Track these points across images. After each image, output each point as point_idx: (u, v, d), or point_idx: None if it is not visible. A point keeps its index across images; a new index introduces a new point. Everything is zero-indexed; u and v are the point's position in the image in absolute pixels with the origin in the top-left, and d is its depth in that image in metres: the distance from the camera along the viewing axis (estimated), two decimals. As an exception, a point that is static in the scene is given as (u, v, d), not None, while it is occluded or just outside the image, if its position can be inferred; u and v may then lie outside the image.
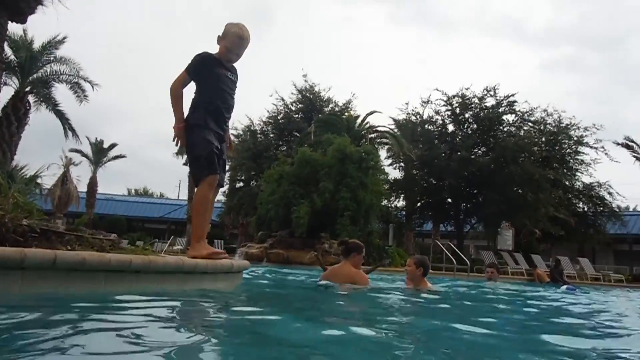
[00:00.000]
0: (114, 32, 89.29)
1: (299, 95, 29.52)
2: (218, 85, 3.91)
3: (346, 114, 26.12)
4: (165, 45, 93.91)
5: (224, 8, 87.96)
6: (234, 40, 3.94)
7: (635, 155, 30.80)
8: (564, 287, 12.14)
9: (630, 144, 30.79)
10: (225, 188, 30.55)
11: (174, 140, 3.86)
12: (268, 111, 30.19)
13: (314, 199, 18.27)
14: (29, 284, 2.51)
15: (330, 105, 29.37)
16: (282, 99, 29.73)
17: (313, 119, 26.56)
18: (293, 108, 29.95)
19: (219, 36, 3.98)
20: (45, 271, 2.56)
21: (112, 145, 35.71)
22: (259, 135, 29.98)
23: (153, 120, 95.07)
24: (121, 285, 2.86)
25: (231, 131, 25.39)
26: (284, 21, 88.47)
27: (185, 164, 35.38)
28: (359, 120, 25.28)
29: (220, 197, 32.54)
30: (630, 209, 34.56)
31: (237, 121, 29.71)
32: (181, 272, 3.23)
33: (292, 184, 19.11)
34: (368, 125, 25.20)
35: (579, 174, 27.29)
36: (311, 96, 29.37)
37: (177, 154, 34.61)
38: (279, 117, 29.93)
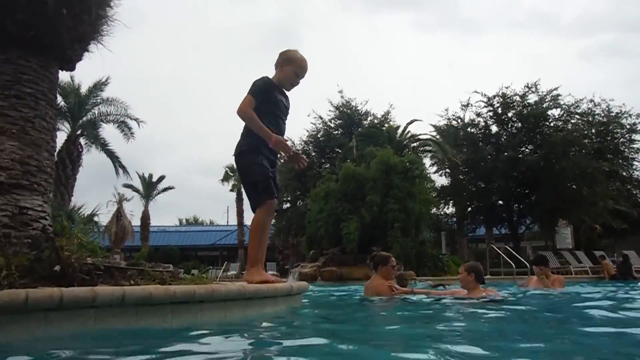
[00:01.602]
0: (146, 65, 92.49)
1: (337, 112, 29.65)
2: (274, 111, 3.97)
3: (386, 125, 26.01)
4: (196, 74, 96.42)
5: (248, 34, 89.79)
6: (301, 65, 4.04)
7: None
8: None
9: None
10: (273, 210, 30.88)
11: (285, 156, 3.93)
12: (307, 130, 30.44)
13: (362, 213, 18.17)
14: (101, 321, 2.58)
15: (369, 118, 29.34)
16: (320, 117, 29.94)
17: (353, 133, 26.57)
18: (332, 125, 30.08)
19: (279, 61, 4.05)
20: (115, 308, 2.62)
21: (161, 178, 36.79)
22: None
23: (192, 148, 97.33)
24: (187, 317, 2.90)
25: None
26: (309, 40, 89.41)
27: (232, 190, 36.07)
28: (399, 131, 25.11)
29: (268, 219, 32.86)
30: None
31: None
32: (243, 299, 3.25)
33: (339, 200, 19.08)
34: (409, 134, 24.99)
35: (636, 162, 26.12)
36: (349, 111, 29.44)
37: (222, 180, 35.29)
38: (318, 135, 30.10)
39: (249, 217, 42.13)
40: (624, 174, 26.06)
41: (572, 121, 25.93)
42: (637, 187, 26.65)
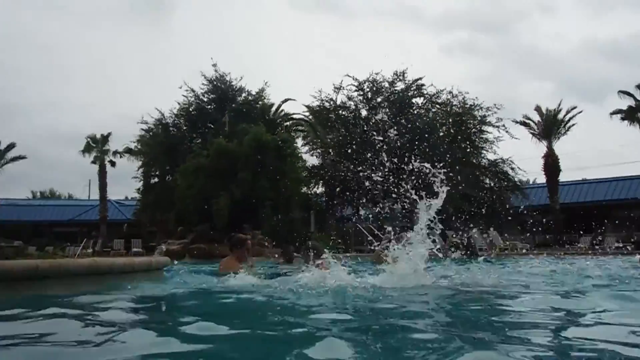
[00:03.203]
0: None
1: (210, 86, 28.82)
2: None
3: (260, 102, 25.87)
4: (56, 37, 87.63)
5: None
6: None
7: (532, 132, 33.18)
8: (481, 259, 12.91)
9: (528, 121, 33.12)
10: (140, 184, 29.42)
11: None
12: (179, 103, 29.21)
13: (233, 190, 18.04)
14: None
15: (244, 95, 28.91)
16: (193, 90, 28.89)
17: (227, 109, 26.08)
18: (205, 99, 29.19)
19: None
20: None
21: (10, 146, 33.21)
22: (171, 129, 28.97)
23: (50, 116, 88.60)
24: (29, 292, 2.65)
25: (141, 125, 23.99)
26: (183, 7, 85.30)
27: (94, 162, 33.65)
28: (273, 109, 25.17)
29: (135, 194, 31.28)
30: (530, 182, 37.10)
31: (147, 114, 28.53)
32: (96, 274, 3.05)
33: (210, 177, 18.74)
34: (283, 113, 25.19)
35: (484, 151, 28.89)
36: (223, 86, 28.77)
37: (83, 151, 32.84)
38: (190, 109, 29.06)
39: (113, 191, 39.36)
40: (474, 161, 28.72)
41: (433, 110, 27.95)
42: (484, 173, 29.51)
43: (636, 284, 4.71)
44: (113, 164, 33.34)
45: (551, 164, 32.23)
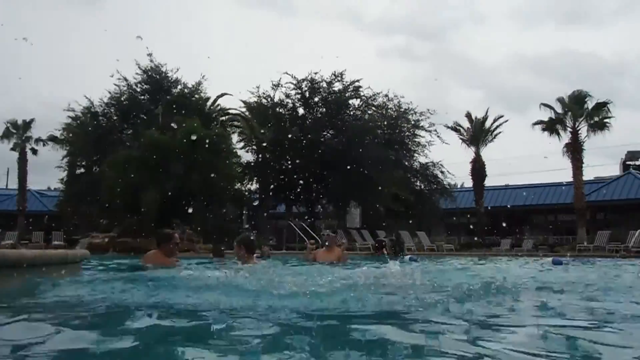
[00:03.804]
0: None
1: (144, 76, 27.90)
2: None
3: (196, 96, 25.33)
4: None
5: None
6: None
7: (462, 138, 34.51)
8: (408, 257, 13.36)
9: (458, 127, 34.41)
10: (64, 174, 28.08)
11: None
12: (110, 92, 28.06)
13: (163, 184, 17.56)
14: None
15: (179, 87, 28.20)
16: (126, 79, 27.85)
17: (161, 101, 25.36)
18: (138, 89, 28.23)
19: None
20: None
21: None
22: (100, 118, 27.82)
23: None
24: None
25: (67, 112, 22.92)
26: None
27: (13, 149, 31.73)
28: (209, 103, 24.73)
29: (58, 184, 29.78)
30: (458, 186, 38.61)
31: (75, 102, 27.25)
32: (1, 267, 2.89)
33: (140, 169, 18.15)
34: (219, 107, 24.80)
35: (416, 155, 29.77)
36: (158, 77, 27.93)
37: (2, 137, 30.97)
38: (122, 99, 28.01)
39: (34, 181, 37.14)
40: (406, 163, 29.54)
41: (369, 112, 28.47)
42: (415, 175, 30.40)
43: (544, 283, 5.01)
44: (35, 152, 31.63)
45: (478, 169, 33.64)
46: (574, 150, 28.42)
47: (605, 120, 28.30)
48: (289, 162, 27.48)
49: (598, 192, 31.33)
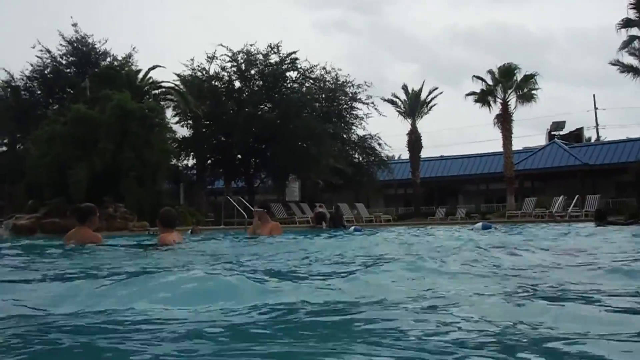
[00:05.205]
0: None
1: (70, 47, 26.41)
2: None
3: (126, 68, 24.24)
4: None
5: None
6: None
7: (399, 110, 35.13)
8: (352, 227, 13.59)
9: (395, 100, 34.98)
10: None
11: None
12: (32, 65, 26.41)
13: (93, 160, 16.80)
14: None
15: (108, 59, 26.93)
16: (49, 51, 26.27)
17: (88, 73, 24.11)
18: (63, 61, 26.72)
19: None
20: None
21: None
22: (22, 93, 26.20)
23: None
24: None
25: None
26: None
27: None
28: (140, 75, 23.73)
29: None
30: (396, 158, 39.42)
31: (-7, 75, 25.45)
32: None
33: (67, 145, 17.23)
34: (151, 80, 23.85)
35: (354, 127, 29.98)
36: (84, 48, 26.52)
37: None
38: (46, 72, 26.46)
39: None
40: (344, 136, 29.74)
41: (307, 85, 28.30)
42: (353, 148, 30.70)
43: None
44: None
45: (414, 141, 34.47)
46: (504, 121, 29.59)
47: (533, 92, 29.57)
48: (226, 137, 27.02)
49: (526, 161, 32.91)
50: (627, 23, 22.60)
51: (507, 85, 29.47)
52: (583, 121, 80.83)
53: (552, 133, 38.75)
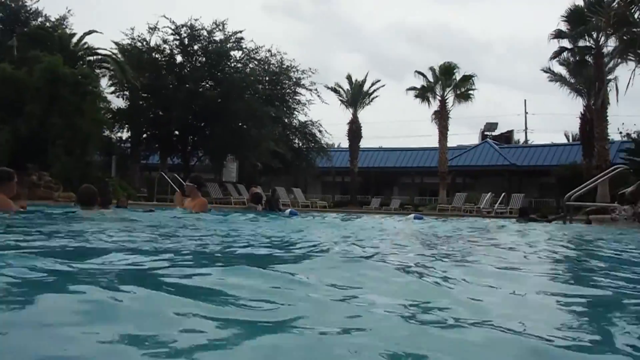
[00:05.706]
0: None
1: (-4, 3, 24.58)
2: None
3: (59, 30, 22.87)
4: None
5: None
6: None
7: (341, 99, 35.38)
8: (288, 210, 13.55)
9: (338, 89, 35.19)
10: None
11: None
12: (-49, 18, 24.38)
13: (17, 124, 15.83)
14: None
15: (40, 19, 25.27)
16: (-28, 5, 24.34)
17: (16, 32, 22.56)
18: (-11, 17, 24.85)
19: None
20: None
21: None
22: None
23: None
24: None
25: None
26: None
27: None
28: (75, 40, 22.49)
29: None
30: (335, 146, 39.75)
31: None
32: None
33: (-12, 107, 16.15)
34: (86, 46, 22.67)
35: (296, 112, 29.87)
36: (13, 5, 24.76)
37: None
38: (-32, 27, 24.52)
39: None
40: (286, 120, 29.60)
41: (251, 65, 27.82)
42: (293, 133, 30.62)
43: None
44: None
45: (354, 131, 34.86)
46: (441, 117, 30.47)
47: (470, 92, 30.62)
48: (165, 111, 26.16)
49: (459, 158, 34.12)
50: (558, 34, 23.75)
51: (446, 84, 30.32)
52: (514, 124, 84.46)
53: (485, 133, 40.41)
